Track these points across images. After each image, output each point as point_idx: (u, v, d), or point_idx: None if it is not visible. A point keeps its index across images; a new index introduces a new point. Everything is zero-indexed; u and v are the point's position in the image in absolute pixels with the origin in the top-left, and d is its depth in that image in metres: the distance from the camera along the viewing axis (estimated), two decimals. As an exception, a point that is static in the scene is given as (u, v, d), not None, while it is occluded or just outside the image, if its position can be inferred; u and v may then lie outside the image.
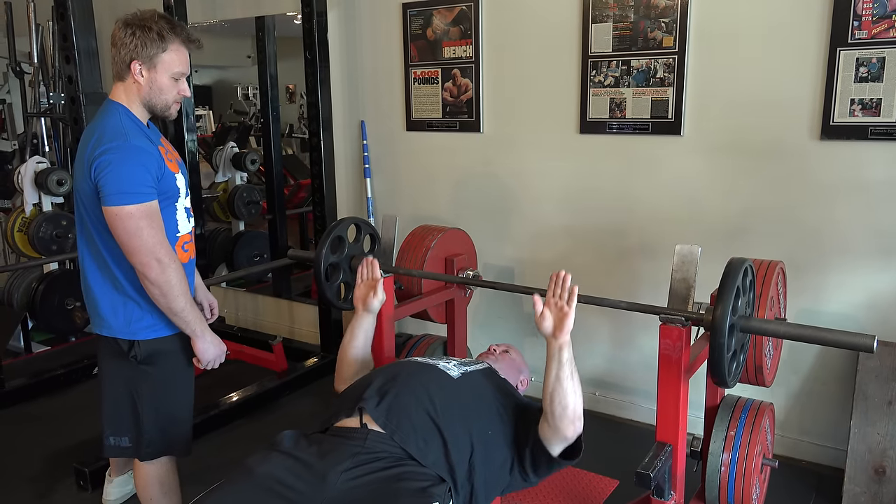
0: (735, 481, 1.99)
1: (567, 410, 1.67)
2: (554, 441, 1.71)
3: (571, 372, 1.70)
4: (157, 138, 1.96)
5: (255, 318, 4.30)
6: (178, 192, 1.93)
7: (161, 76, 1.86)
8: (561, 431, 1.68)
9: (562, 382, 1.68)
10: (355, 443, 1.61)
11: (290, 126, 5.32)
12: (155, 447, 2.02)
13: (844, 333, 1.71)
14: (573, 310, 1.72)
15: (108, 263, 1.87)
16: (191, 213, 2.02)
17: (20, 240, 3.90)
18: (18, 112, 4.60)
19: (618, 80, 2.85)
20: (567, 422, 1.67)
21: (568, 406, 1.67)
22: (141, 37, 1.82)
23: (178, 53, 1.87)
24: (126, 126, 1.82)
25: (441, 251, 2.66)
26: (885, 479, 2.37)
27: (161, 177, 1.84)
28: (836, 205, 2.53)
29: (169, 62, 1.86)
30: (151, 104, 1.89)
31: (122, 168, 1.75)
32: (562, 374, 1.69)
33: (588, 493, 2.51)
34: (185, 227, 1.97)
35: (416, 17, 3.32)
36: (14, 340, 4.03)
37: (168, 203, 1.89)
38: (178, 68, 1.87)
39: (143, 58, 1.83)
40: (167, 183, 1.88)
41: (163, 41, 1.83)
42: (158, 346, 1.93)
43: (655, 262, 2.83)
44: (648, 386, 2.94)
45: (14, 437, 3.06)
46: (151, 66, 1.85)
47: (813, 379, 2.69)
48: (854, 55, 2.39)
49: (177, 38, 1.85)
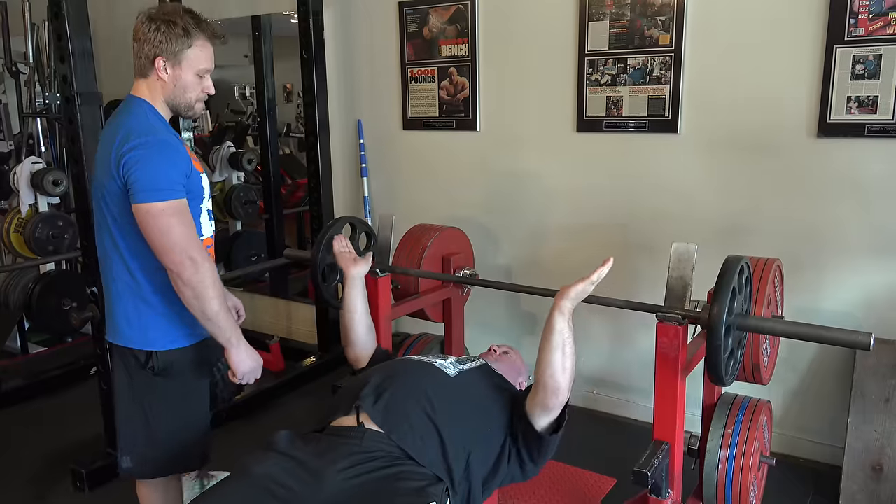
0: (732, 479, 1.99)
1: (550, 380, 1.68)
2: (537, 411, 1.71)
3: (560, 343, 1.70)
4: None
5: (253, 317, 4.28)
6: (203, 192, 1.85)
7: (186, 73, 1.77)
8: (543, 401, 1.69)
9: (548, 351, 1.69)
10: (352, 442, 1.60)
11: (287, 125, 5.32)
12: (163, 464, 1.91)
13: (841, 331, 1.70)
14: (587, 283, 1.75)
15: (129, 266, 1.77)
16: (213, 217, 1.93)
17: (16, 240, 3.89)
18: (14, 112, 4.58)
19: (614, 79, 2.85)
20: (549, 391, 1.68)
21: (551, 376, 1.68)
22: (166, 32, 1.72)
23: (203, 49, 1.78)
24: (153, 122, 1.75)
25: (438, 250, 2.66)
26: (883, 476, 2.37)
27: (189, 174, 1.76)
28: (833, 202, 2.52)
29: (194, 59, 1.76)
30: (175, 102, 1.81)
31: (152, 164, 1.67)
32: (549, 342, 1.70)
33: (586, 492, 2.51)
34: (208, 231, 1.89)
35: (412, 15, 3.32)
36: (10, 341, 4.01)
37: (195, 204, 1.80)
38: (203, 65, 1.79)
39: (168, 54, 1.74)
40: (194, 181, 1.79)
41: (188, 37, 1.74)
42: (176, 358, 1.82)
43: (652, 260, 2.82)
44: (646, 384, 2.93)
45: (10, 438, 3.06)
46: (176, 63, 1.75)
47: (810, 377, 2.69)
48: (851, 53, 2.39)
49: (202, 34, 1.76)
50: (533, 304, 3.25)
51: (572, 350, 1.71)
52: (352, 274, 2.20)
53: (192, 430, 1.91)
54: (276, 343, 3.64)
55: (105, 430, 2.72)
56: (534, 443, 1.74)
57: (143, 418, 1.86)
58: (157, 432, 1.86)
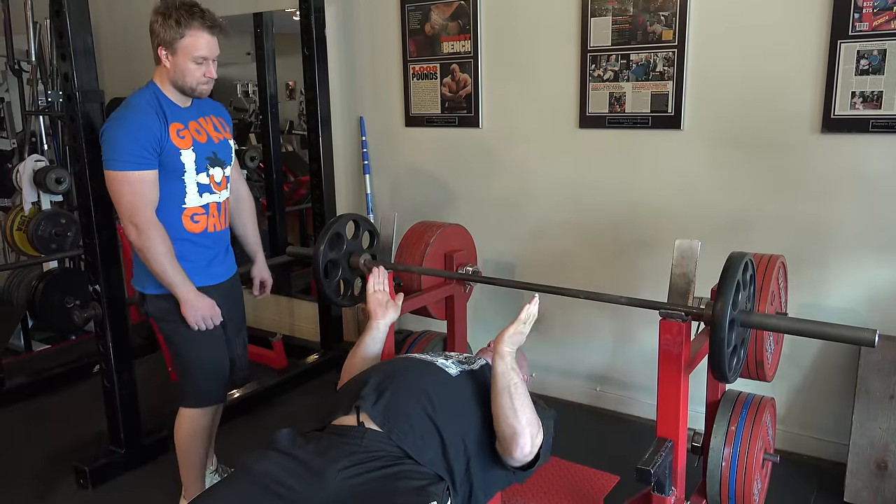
0: (736, 476, 1.98)
1: (506, 428, 1.63)
2: (506, 457, 1.67)
3: (506, 386, 1.66)
4: (194, 116, 2.14)
5: (255, 315, 4.29)
6: (182, 168, 2.08)
7: (182, 60, 2.01)
8: (507, 449, 1.65)
9: (494, 398, 1.67)
10: (352, 441, 1.60)
11: (289, 123, 5.30)
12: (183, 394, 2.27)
13: (846, 328, 1.69)
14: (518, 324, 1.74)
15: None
16: (211, 189, 2.18)
17: (19, 238, 3.90)
18: (17, 110, 4.58)
19: (617, 74, 2.84)
20: (508, 440, 1.63)
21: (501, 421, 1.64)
22: (162, 24, 1.99)
23: (195, 39, 2.00)
24: (137, 101, 2.03)
25: (440, 247, 2.65)
26: (888, 473, 2.36)
27: (162, 151, 2.02)
28: (838, 199, 2.51)
29: (188, 47, 2.00)
30: (179, 85, 2.06)
31: (111, 136, 1.98)
32: (494, 388, 1.68)
33: (589, 489, 2.50)
34: (195, 201, 2.13)
35: (414, 12, 3.31)
36: (14, 339, 4.03)
37: (174, 177, 2.07)
38: (198, 52, 2.01)
39: (166, 44, 2.00)
40: (169, 157, 2.04)
41: (179, 27, 1.97)
42: (162, 304, 2.13)
43: (655, 256, 2.82)
44: (649, 381, 2.93)
45: (14, 435, 3.06)
46: (173, 52, 2.01)
47: (814, 374, 2.69)
48: (855, 47, 2.37)
49: (193, 24, 1.98)
50: (536, 301, 3.24)
51: (523, 392, 1.67)
52: (377, 325, 2.09)
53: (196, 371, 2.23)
54: (278, 340, 3.64)
55: (108, 428, 2.72)
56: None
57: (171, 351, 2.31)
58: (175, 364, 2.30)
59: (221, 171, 2.22)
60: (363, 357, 2.04)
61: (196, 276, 2.14)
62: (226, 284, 2.31)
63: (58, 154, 4.35)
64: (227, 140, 2.28)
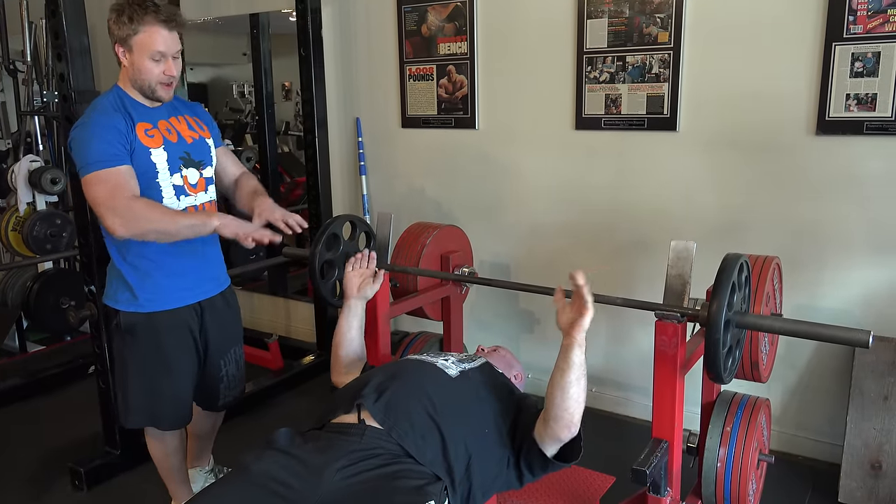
0: (731, 477, 1.98)
1: (565, 413, 1.62)
2: (547, 441, 1.68)
3: (578, 377, 1.62)
4: (164, 116, 2.01)
5: (251, 316, 4.29)
6: (154, 168, 1.95)
7: (138, 57, 1.90)
8: (555, 433, 1.65)
9: (564, 385, 1.61)
10: (352, 439, 1.60)
11: (285, 123, 5.31)
12: (140, 416, 2.12)
13: (840, 329, 1.70)
14: (591, 308, 1.61)
15: (104, 233, 1.99)
16: (186, 192, 2.03)
17: (14, 239, 3.89)
18: (12, 110, 4.58)
19: (613, 76, 2.84)
20: (563, 424, 1.63)
21: (566, 409, 1.61)
22: (115, 21, 1.89)
23: (150, 35, 1.88)
24: (100, 102, 1.93)
25: (436, 248, 2.65)
26: (882, 473, 2.37)
27: (132, 149, 1.90)
28: (832, 200, 2.52)
29: (143, 43, 1.89)
30: (138, 85, 1.94)
31: (78, 143, 1.87)
32: (567, 376, 1.61)
33: (585, 490, 2.50)
34: (172, 205, 1.99)
35: (410, 13, 3.31)
36: (9, 340, 4.01)
37: (148, 179, 1.93)
38: (154, 48, 1.89)
39: (121, 41, 1.91)
40: (139, 157, 1.92)
41: (132, 23, 1.87)
42: (135, 321, 2.01)
43: (651, 257, 2.82)
44: (644, 382, 2.93)
45: (9, 437, 3.05)
46: (129, 49, 1.91)
47: (809, 374, 2.69)
48: (849, 50, 2.38)
49: (146, 19, 1.87)
50: (531, 302, 3.25)
51: (586, 382, 1.66)
52: (349, 303, 2.13)
53: (160, 391, 2.09)
54: (274, 341, 3.64)
55: (103, 429, 2.72)
56: (537, 461, 1.73)
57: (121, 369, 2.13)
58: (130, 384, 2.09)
59: (197, 172, 2.06)
60: (345, 336, 2.10)
61: (173, 293, 2.03)
62: (216, 301, 2.17)
63: (53, 154, 4.35)
64: (203, 139, 2.11)
